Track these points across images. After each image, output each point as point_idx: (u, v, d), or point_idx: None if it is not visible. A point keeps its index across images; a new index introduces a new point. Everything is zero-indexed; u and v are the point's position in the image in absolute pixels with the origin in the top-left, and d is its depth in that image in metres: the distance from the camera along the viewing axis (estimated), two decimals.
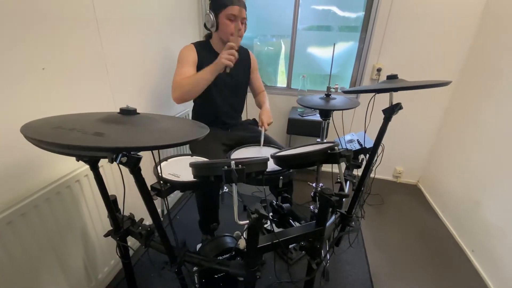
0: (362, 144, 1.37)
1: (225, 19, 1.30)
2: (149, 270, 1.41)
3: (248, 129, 1.56)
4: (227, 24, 1.30)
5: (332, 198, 0.85)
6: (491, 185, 1.51)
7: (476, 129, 1.71)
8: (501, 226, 1.39)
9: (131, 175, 0.64)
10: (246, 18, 1.35)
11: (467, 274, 1.49)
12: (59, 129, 0.44)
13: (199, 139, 0.53)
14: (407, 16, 1.88)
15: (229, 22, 1.30)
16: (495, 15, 1.65)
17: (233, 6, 1.26)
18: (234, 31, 1.25)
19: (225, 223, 1.49)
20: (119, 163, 0.58)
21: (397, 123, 1.97)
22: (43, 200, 0.92)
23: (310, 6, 2.11)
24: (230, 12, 1.27)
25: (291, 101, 2.36)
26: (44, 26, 0.90)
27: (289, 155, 0.90)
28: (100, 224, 1.20)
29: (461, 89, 1.93)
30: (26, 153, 0.89)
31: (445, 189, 1.98)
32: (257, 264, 0.87)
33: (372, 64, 2.07)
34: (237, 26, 1.26)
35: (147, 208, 0.73)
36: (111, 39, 1.20)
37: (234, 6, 1.26)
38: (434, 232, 1.82)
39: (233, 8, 1.27)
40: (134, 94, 1.43)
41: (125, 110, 0.55)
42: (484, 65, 1.70)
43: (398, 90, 0.88)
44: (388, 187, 2.34)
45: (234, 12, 1.27)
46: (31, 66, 0.87)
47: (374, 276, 1.44)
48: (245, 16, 1.32)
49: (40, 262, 0.94)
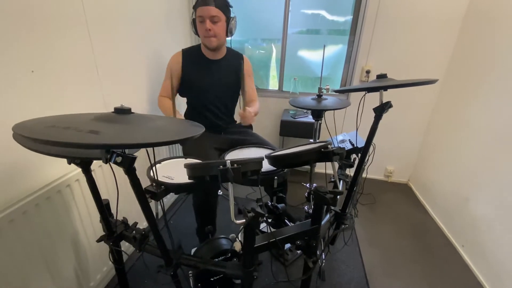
0: (354, 143, 1.39)
1: (198, 22, 1.32)
2: (142, 276, 1.38)
3: (241, 132, 1.56)
4: (198, 27, 1.33)
5: (327, 196, 0.86)
6: (479, 182, 1.56)
7: (463, 127, 1.76)
8: (489, 220, 1.43)
9: (123, 179, 0.63)
10: (226, 16, 1.33)
11: (458, 268, 1.53)
12: (53, 128, 0.43)
13: (195, 137, 0.53)
14: (393, 19, 1.95)
15: (199, 24, 1.31)
16: (478, 15, 1.73)
17: (201, 7, 1.27)
18: (206, 33, 1.29)
19: (220, 227, 1.49)
20: (114, 162, 0.57)
21: (387, 123, 2.02)
22: (33, 206, 0.90)
23: (300, 10, 2.16)
24: (198, 14, 1.29)
25: (283, 104, 2.38)
26: (33, 28, 0.89)
27: (284, 154, 0.91)
28: (92, 230, 1.18)
29: (447, 88, 1.99)
30: (14, 157, 0.87)
31: (434, 187, 2.03)
32: (254, 264, 0.87)
33: (361, 66, 2.13)
34: (203, 26, 1.28)
35: (142, 210, 0.72)
36: (102, 41, 1.19)
37: (200, 7, 1.27)
38: (425, 229, 1.86)
39: (200, 9, 1.27)
40: (125, 95, 1.42)
41: (119, 109, 0.55)
42: (469, 64, 1.77)
43: (388, 88, 0.91)
44: (379, 187, 2.38)
45: (201, 13, 1.28)
46: (20, 69, 0.86)
47: (369, 274, 1.45)
48: (217, 14, 1.28)
49: (29, 270, 0.90)
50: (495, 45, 1.54)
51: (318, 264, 1.41)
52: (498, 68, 1.49)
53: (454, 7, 1.84)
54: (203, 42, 1.38)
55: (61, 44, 0.99)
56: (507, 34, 1.45)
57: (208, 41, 1.33)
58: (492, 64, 1.54)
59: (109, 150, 0.56)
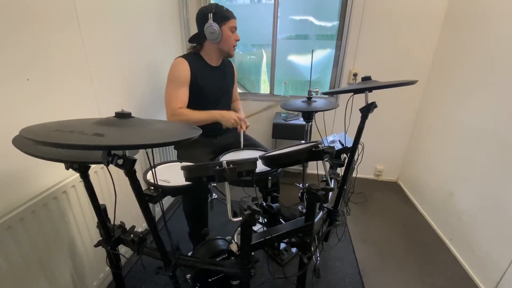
0: (344, 144, 1.45)
1: (228, 31, 1.37)
2: (140, 281, 1.38)
3: (234, 135, 1.60)
4: (229, 36, 1.38)
5: (319, 193, 0.90)
6: (462, 176, 1.64)
7: (446, 125, 1.85)
8: (474, 213, 1.51)
9: (118, 184, 0.65)
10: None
11: (447, 261, 1.59)
12: (58, 131, 0.45)
13: (194, 138, 0.56)
14: (377, 23, 2.04)
15: (231, 34, 1.38)
16: (457, 16, 1.82)
17: (235, 19, 1.38)
18: (235, 42, 1.40)
19: (214, 229, 1.51)
20: (115, 165, 0.59)
21: (375, 124, 2.09)
22: (29, 213, 0.90)
23: (288, 17, 2.23)
24: (232, 24, 1.37)
25: (274, 107, 2.43)
26: (26, 35, 0.91)
27: (277, 154, 0.94)
28: (88, 236, 1.18)
29: (430, 88, 2.09)
30: (11, 164, 0.88)
31: (421, 184, 2.11)
32: (251, 262, 0.89)
33: (348, 69, 2.20)
34: (237, 37, 1.40)
35: (142, 211, 0.74)
36: (95, 48, 1.21)
37: (235, 19, 1.38)
38: (415, 224, 1.92)
39: (233, 21, 1.37)
40: (119, 102, 1.43)
41: (120, 113, 0.58)
42: (450, 64, 1.87)
43: (372, 90, 0.96)
44: (370, 185, 2.45)
45: (234, 24, 1.37)
46: (16, 77, 0.87)
47: (363, 270, 1.50)
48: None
49: (25, 277, 0.90)
50: (473, 45, 1.64)
51: (313, 261, 1.45)
52: (478, 68, 1.58)
53: (434, 9, 1.94)
54: (227, 51, 1.43)
55: (56, 52, 1.01)
56: (485, 34, 1.55)
57: (233, 50, 1.45)
58: (473, 64, 1.63)
59: (110, 153, 0.58)
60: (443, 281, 1.45)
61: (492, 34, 1.48)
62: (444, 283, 1.44)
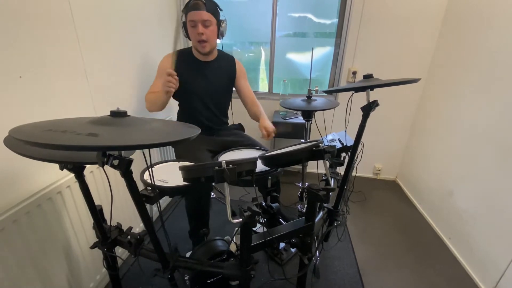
0: (344, 142, 1.43)
1: (189, 26, 1.31)
2: (137, 282, 1.36)
3: (233, 134, 1.58)
4: (190, 31, 1.32)
5: (320, 193, 0.89)
6: (461, 175, 1.63)
7: (445, 123, 1.84)
8: (472, 212, 1.50)
9: (114, 185, 0.63)
10: (217, 19, 1.34)
11: (446, 260, 1.59)
12: (50, 131, 0.43)
13: (192, 138, 0.54)
14: (377, 21, 2.02)
15: (191, 28, 1.31)
16: (456, 15, 1.81)
17: (192, 12, 1.27)
18: (197, 37, 1.30)
19: (214, 229, 1.49)
20: (111, 166, 0.57)
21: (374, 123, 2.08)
22: (23, 214, 0.88)
23: (287, 14, 2.20)
24: (190, 18, 1.29)
25: (273, 105, 2.41)
26: (21, 33, 0.88)
27: (277, 154, 0.93)
28: (84, 237, 1.15)
29: (430, 87, 2.08)
30: (3, 165, 0.85)
31: (420, 183, 2.11)
32: (251, 263, 0.88)
33: (347, 67, 2.19)
34: (195, 31, 1.29)
35: (138, 212, 0.72)
36: (91, 45, 1.18)
37: (192, 11, 1.27)
38: (413, 223, 1.92)
39: (192, 13, 1.27)
40: (115, 101, 1.41)
41: (115, 112, 0.55)
42: (449, 63, 1.85)
43: (374, 88, 0.95)
44: (369, 184, 2.44)
45: (193, 17, 1.28)
46: (8, 74, 0.84)
47: (362, 269, 1.49)
48: (208, 18, 1.28)
49: (20, 279, 0.88)
50: (473, 44, 1.63)
51: (312, 261, 1.44)
52: (477, 67, 1.57)
53: (434, 7, 1.92)
54: (195, 47, 1.39)
55: (50, 49, 0.98)
56: (485, 33, 1.54)
57: (200, 47, 1.34)
58: (472, 62, 1.62)
59: (105, 154, 0.56)
60: (443, 280, 1.44)
61: (492, 34, 1.47)
62: (444, 282, 1.43)
